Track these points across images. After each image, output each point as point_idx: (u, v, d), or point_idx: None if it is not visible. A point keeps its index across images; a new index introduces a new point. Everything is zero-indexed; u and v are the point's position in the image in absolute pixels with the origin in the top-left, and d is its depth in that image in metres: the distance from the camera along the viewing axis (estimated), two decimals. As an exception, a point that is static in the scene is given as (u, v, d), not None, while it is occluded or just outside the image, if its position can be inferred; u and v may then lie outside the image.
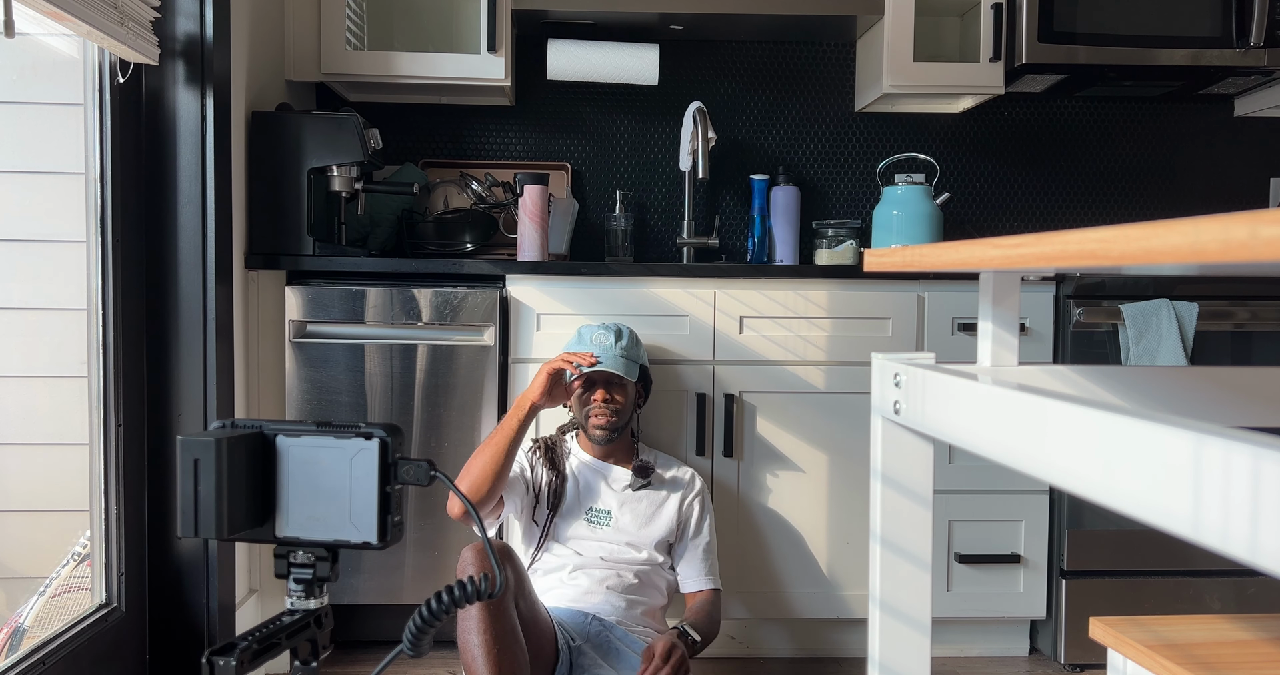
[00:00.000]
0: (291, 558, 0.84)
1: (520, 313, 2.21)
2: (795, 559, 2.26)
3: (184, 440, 0.79)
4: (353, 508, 0.82)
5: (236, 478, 0.80)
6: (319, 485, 0.82)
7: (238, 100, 2.14)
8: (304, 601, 0.84)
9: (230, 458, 0.79)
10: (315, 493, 0.83)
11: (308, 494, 0.83)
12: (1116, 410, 0.65)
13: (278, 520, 0.84)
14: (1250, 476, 0.53)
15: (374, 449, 0.82)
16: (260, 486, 0.83)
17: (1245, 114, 2.83)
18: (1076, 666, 2.23)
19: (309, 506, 0.83)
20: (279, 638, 0.79)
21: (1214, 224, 0.52)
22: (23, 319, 1.93)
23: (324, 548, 0.83)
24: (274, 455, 0.83)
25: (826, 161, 2.85)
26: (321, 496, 0.82)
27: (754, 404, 2.23)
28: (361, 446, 0.82)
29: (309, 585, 0.84)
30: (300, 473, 0.83)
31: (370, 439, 0.82)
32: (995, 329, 1.11)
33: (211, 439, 0.78)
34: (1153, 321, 2.15)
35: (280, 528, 0.83)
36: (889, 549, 1.09)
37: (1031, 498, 2.25)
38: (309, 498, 0.83)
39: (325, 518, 0.82)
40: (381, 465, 0.82)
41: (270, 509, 0.84)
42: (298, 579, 0.84)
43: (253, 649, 0.76)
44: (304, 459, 0.83)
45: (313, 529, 0.83)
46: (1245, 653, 1.07)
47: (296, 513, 0.83)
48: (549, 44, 2.57)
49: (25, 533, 1.99)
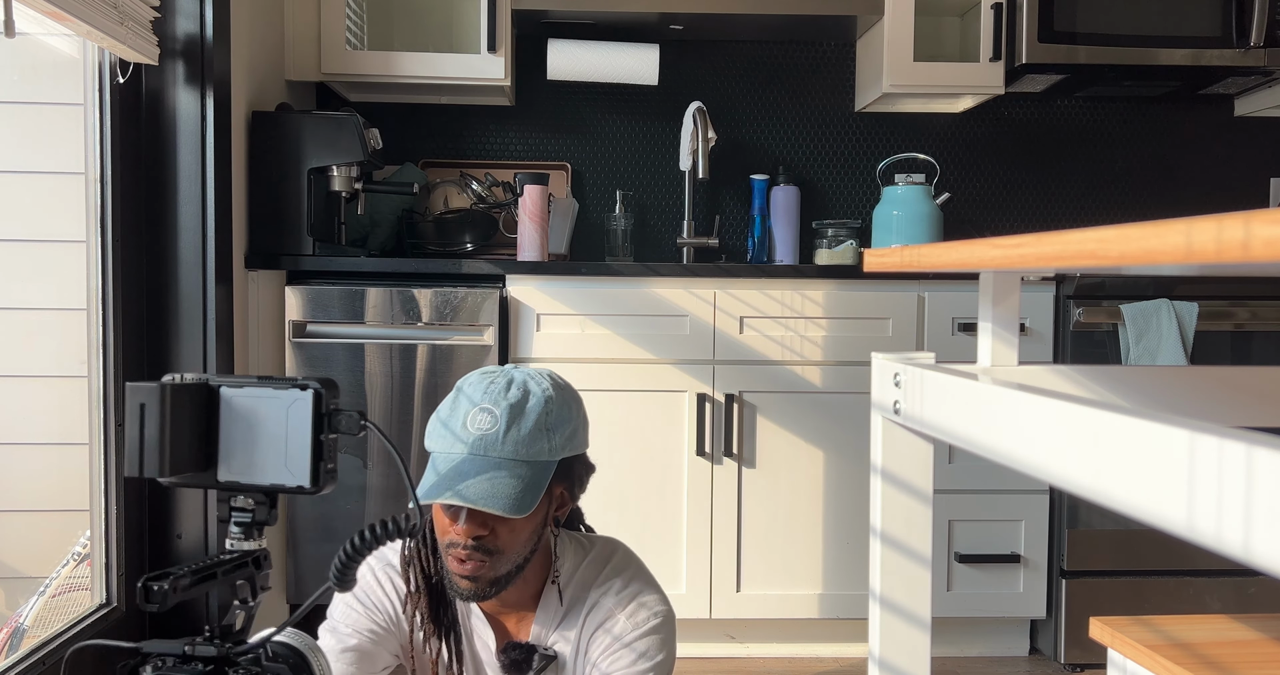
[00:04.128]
0: (233, 502, 0.90)
1: (520, 313, 2.21)
2: (795, 559, 2.26)
3: (131, 386, 0.84)
4: (288, 454, 0.87)
5: (180, 422, 0.85)
6: (258, 433, 0.88)
7: (238, 100, 2.14)
8: (242, 543, 0.89)
9: (174, 403, 0.84)
10: (254, 440, 0.88)
11: (247, 441, 0.88)
12: (1115, 409, 0.65)
13: (220, 466, 0.89)
14: (1245, 474, 0.53)
15: (308, 399, 0.87)
16: (204, 433, 0.89)
17: (1245, 114, 2.83)
18: (1076, 666, 2.23)
19: (248, 453, 0.88)
20: (214, 571, 0.85)
21: (1213, 224, 0.52)
22: (23, 319, 1.93)
23: (262, 492, 0.89)
24: (217, 405, 0.89)
25: (826, 161, 2.85)
26: (260, 444, 0.88)
27: (754, 404, 2.23)
28: (297, 397, 0.87)
29: (248, 528, 0.90)
30: (241, 421, 0.88)
31: (305, 389, 0.87)
32: (995, 329, 1.11)
33: (156, 385, 0.84)
34: (1153, 321, 2.15)
35: (222, 473, 0.89)
36: (889, 547, 1.09)
37: (1031, 498, 2.25)
38: (248, 445, 0.88)
39: (263, 464, 0.88)
40: (315, 414, 0.87)
41: (214, 456, 0.89)
42: (238, 522, 0.90)
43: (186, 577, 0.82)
44: (244, 408, 0.88)
45: (251, 474, 0.88)
46: (1245, 652, 1.07)
47: (236, 459, 0.89)
48: (549, 44, 2.57)
49: (25, 533, 1.99)
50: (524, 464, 1.21)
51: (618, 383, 2.21)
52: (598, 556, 1.36)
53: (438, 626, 1.31)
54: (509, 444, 1.21)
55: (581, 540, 1.38)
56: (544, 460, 1.23)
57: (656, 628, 1.30)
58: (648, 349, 2.21)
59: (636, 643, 1.28)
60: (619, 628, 1.29)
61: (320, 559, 2.21)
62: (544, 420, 1.24)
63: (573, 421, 1.27)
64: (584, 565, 1.34)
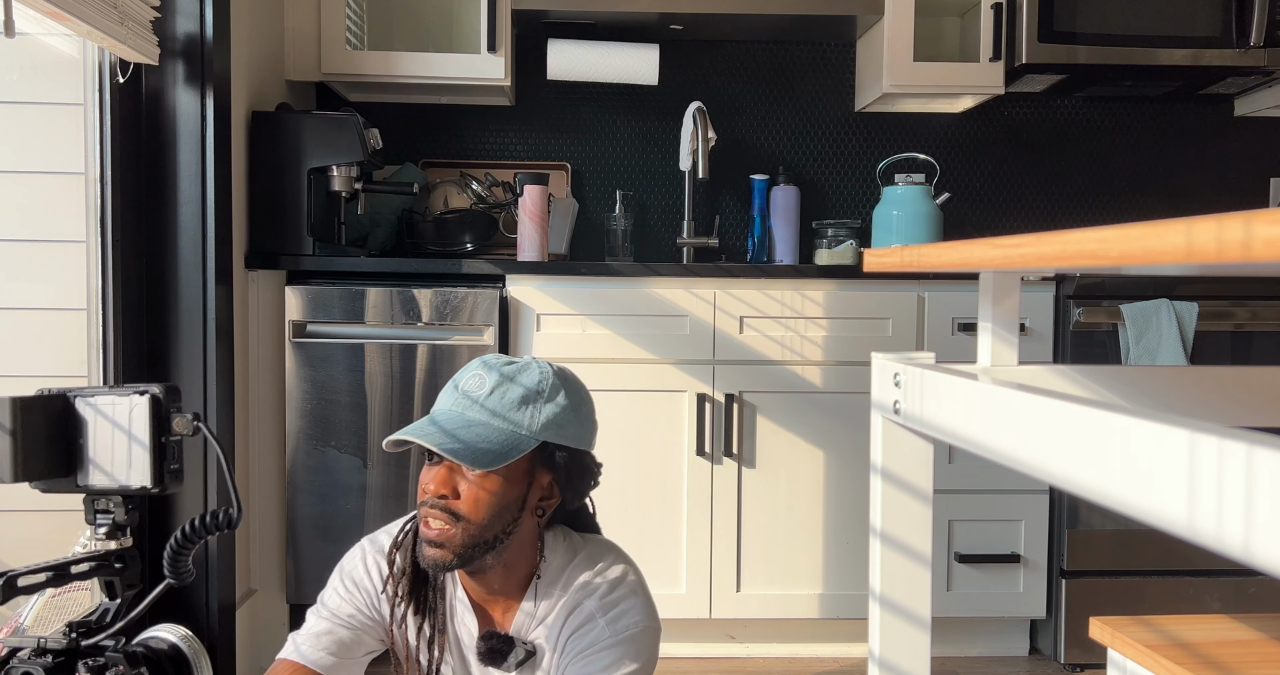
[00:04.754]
0: (97, 505, 0.96)
1: (520, 312, 2.21)
2: (795, 559, 2.26)
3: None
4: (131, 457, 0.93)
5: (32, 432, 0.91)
6: (105, 439, 0.94)
7: (238, 100, 2.14)
8: (106, 543, 0.95)
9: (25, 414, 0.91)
10: (102, 446, 0.94)
11: (100, 447, 0.94)
12: (1115, 409, 0.65)
13: (79, 471, 0.95)
14: (1245, 474, 0.53)
15: (145, 403, 0.93)
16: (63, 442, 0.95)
17: (1245, 114, 2.83)
18: (1076, 666, 2.23)
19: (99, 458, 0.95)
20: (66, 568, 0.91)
21: (1213, 224, 0.52)
22: (23, 319, 1.93)
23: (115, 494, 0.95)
24: (74, 415, 0.95)
25: (826, 161, 2.85)
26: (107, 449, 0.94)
27: (754, 404, 2.23)
28: (135, 402, 0.93)
29: (110, 529, 0.96)
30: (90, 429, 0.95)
31: (144, 395, 0.93)
32: (995, 329, 1.11)
33: (8, 398, 0.90)
34: (1153, 321, 2.15)
35: (80, 477, 0.95)
36: (889, 547, 1.09)
37: (1031, 498, 2.25)
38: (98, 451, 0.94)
39: (111, 468, 0.94)
40: (154, 418, 0.93)
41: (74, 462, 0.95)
42: (100, 523, 0.96)
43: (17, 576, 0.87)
44: (93, 416, 0.94)
45: (105, 478, 0.94)
46: (1245, 652, 1.07)
47: (91, 464, 0.95)
48: (549, 44, 2.57)
49: (25, 533, 1.99)
50: (499, 428, 1.21)
51: (618, 383, 2.21)
52: (589, 558, 1.33)
53: (417, 605, 1.31)
54: (489, 403, 1.22)
55: (577, 540, 1.36)
56: (522, 432, 1.22)
57: (634, 637, 1.26)
58: (648, 349, 2.21)
59: (611, 649, 1.24)
60: (596, 632, 1.26)
61: (320, 559, 2.21)
62: (533, 394, 1.23)
63: (566, 410, 1.25)
64: (573, 564, 1.32)
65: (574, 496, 1.31)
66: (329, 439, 2.20)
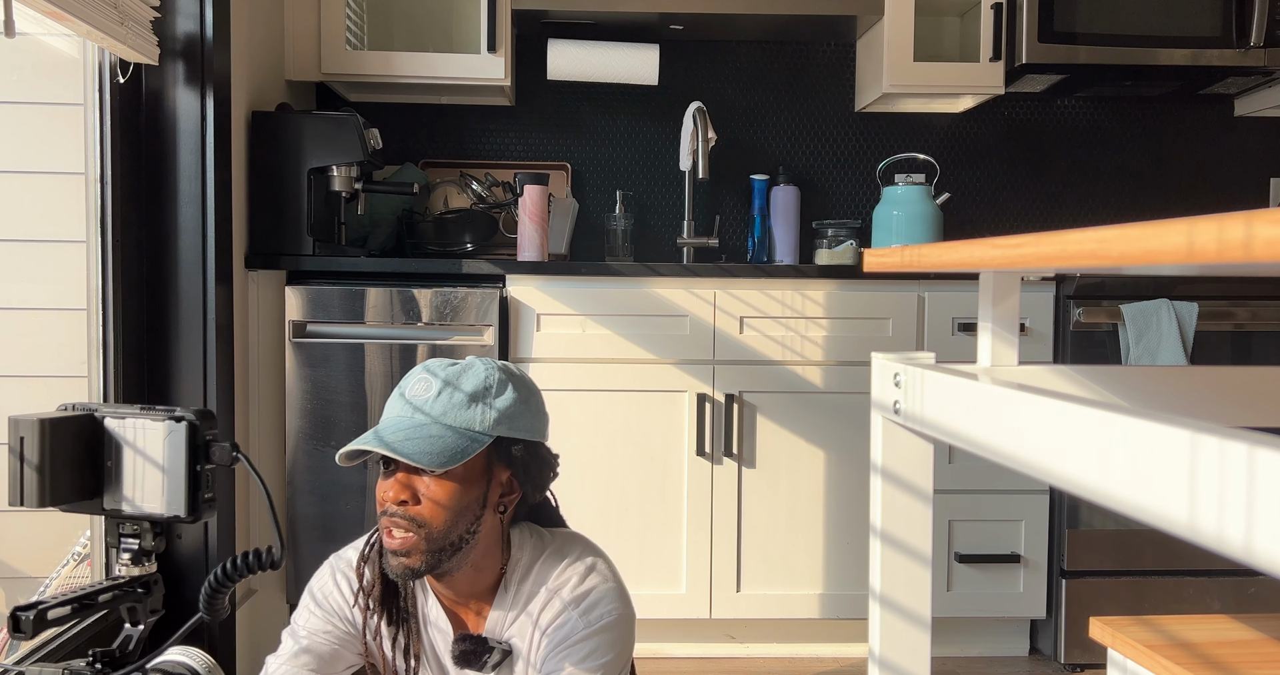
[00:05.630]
0: (121, 529, 0.92)
1: (520, 313, 2.21)
2: (795, 559, 2.26)
3: (13, 419, 0.86)
4: (166, 485, 0.90)
5: (60, 454, 0.87)
6: (139, 464, 0.90)
7: (238, 100, 2.14)
8: (130, 569, 0.92)
9: (53, 436, 0.86)
10: (133, 471, 0.90)
11: (130, 471, 0.90)
12: (1115, 409, 0.65)
13: (105, 495, 0.91)
14: (1246, 474, 0.53)
15: (183, 431, 0.89)
16: (90, 463, 0.90)
17: (1245, 114, 2.83)
18: (1076, 666, 2.23)
19: (129, 483, 0.90)
20: (93, 598, 0.86)
21: (1214, 224, 0.52)
22: (23, 319, 1.93)
23: (144, 521, 0.91)
24: (102, 436, 0.91)
25: (826, 161, 2.85)
26: (139, 475, 0.90)
27: (754, 404, 2.23)
28: (172, 429, 0.90)
29: (135, 555, 0.92)
30: (123, 453, 0.91)
31: (180, 421, 0.90)
32: (995, 329, 1.11)
33: (35, 419, 0.85)
34: (1153, 321, 2.15)
35: (107, 501, 0.91)
36: (889, 547, 1.09)
37: (1031, 498, 2.25)
38: (129, 476, 0.90)
39: (142, 494, 0.90)
40: (190, 446, 0.89)
41: (100, 485, 0.91)
42: (125, 548, 0.92)
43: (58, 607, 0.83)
44: (125, 439, 0.90)
45: (132, 503, 0.91)
46: (1245, 652, 1.07)
47: (120, 488, 0.91)
48: (549, 44, 2.57)
49: (25, 533, 1.99)
50: (451, 428, 1.21)
51: (618, 383, 2.21)
52: (557, 552, 1.33)
53: (390, 616, 1.31)
54: (439, 405, 1.22)
55: (544, 535, 1.36)
56: (475, 431, 1.22)
57: (609, 626, 1.26)
58: (648, 349, 2.21)
59: (587, 641, 1.25)
60: (571, 624, 1.26)
61: (320, 559, 2.20)
62: (480, 392, 1.24)
63: (516, 403, 1.26)
64: (542, 559, 1.32)
65: (534, 490, 1.30)
66: (329, 439, 2.20)
